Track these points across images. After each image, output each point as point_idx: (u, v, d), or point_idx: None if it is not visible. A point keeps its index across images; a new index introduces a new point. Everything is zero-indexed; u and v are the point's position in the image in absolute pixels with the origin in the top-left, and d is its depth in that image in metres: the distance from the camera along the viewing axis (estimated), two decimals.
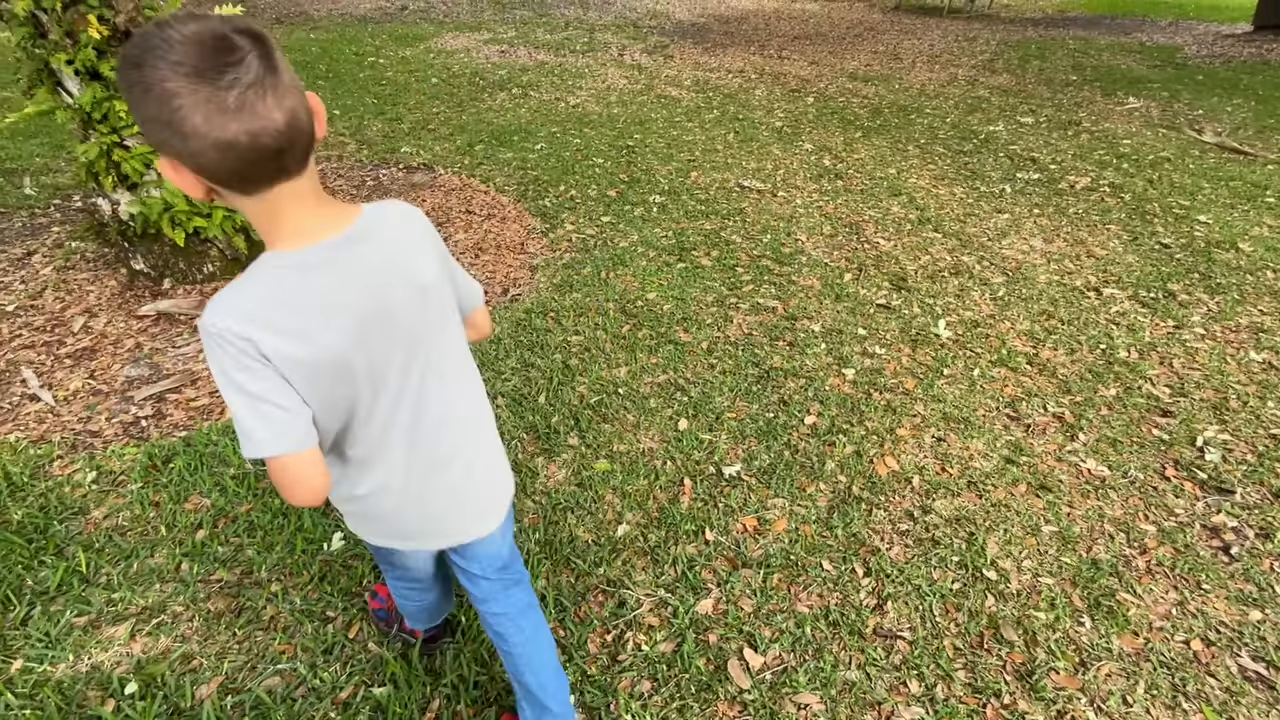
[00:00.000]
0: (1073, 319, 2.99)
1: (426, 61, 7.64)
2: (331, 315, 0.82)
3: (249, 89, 0.68)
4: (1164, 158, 5.00)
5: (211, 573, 1.73)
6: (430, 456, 0.99)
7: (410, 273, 0.90)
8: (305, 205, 0.79)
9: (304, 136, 0.74)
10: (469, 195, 4.22)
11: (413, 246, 0.91)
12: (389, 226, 0.89)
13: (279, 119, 0.70)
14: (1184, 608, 1.72)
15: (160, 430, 2.22)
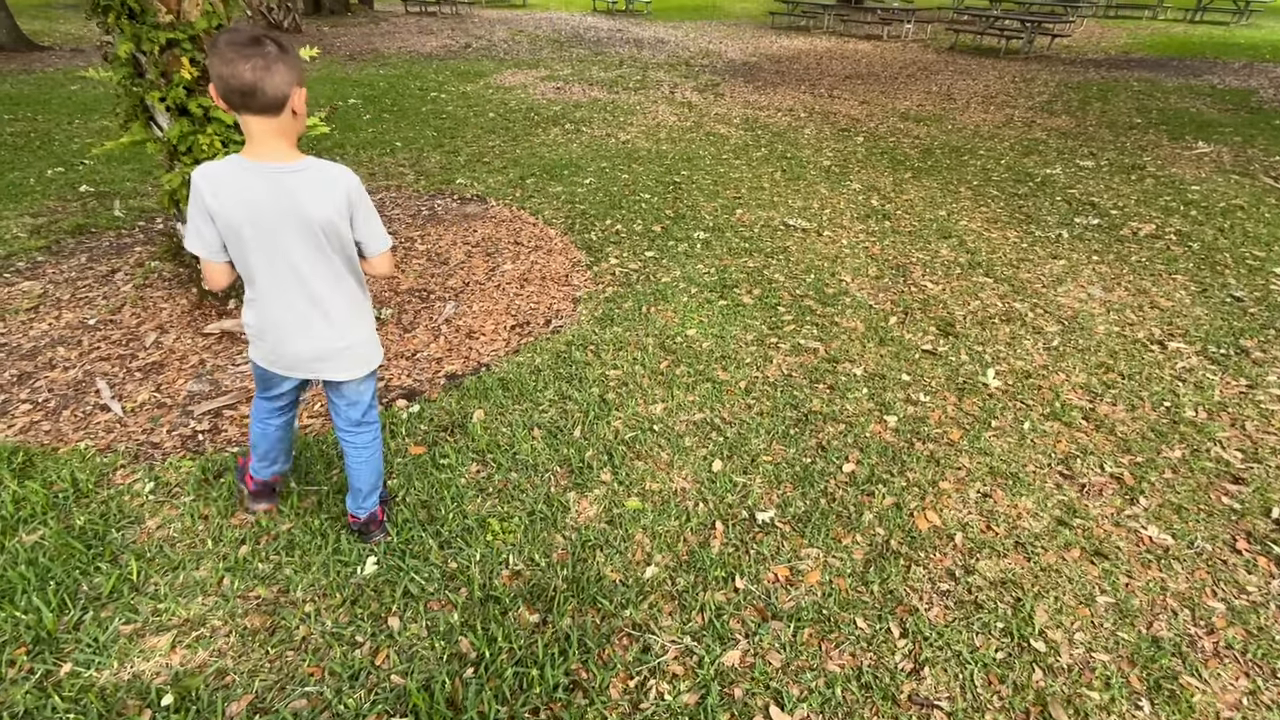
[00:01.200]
0: (1134, 373, 2.85)
1: (485, 97, 7.98)
2: (240, 200, 1.39)
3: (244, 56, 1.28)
4: (1236, 205, 4.77)
5: (251, 589, 1.78)
6: (286, 318, 1.56)
7: (302, 206, 1.42)
8: (266, 138, 1.37)
9: (265, 98, 1.31)
10: (518, 227, 4.34)
11: (317, 195, 1.42)
12: (312, 177, 1.42)
13: (249, 78, 1.28)
14: (1256, 698, 1.58)
15: (215, 445, 2.32)
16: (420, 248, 3.98)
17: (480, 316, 3.26)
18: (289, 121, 1.37)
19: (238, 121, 1.40)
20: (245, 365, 2.76)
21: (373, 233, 1.53)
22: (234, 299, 3.14)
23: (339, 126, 6.45)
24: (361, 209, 1.49)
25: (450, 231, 4.22)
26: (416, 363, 2.87)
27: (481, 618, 1.73)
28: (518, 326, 3.19)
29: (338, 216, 1.45)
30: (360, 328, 1.65)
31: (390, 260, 1.61)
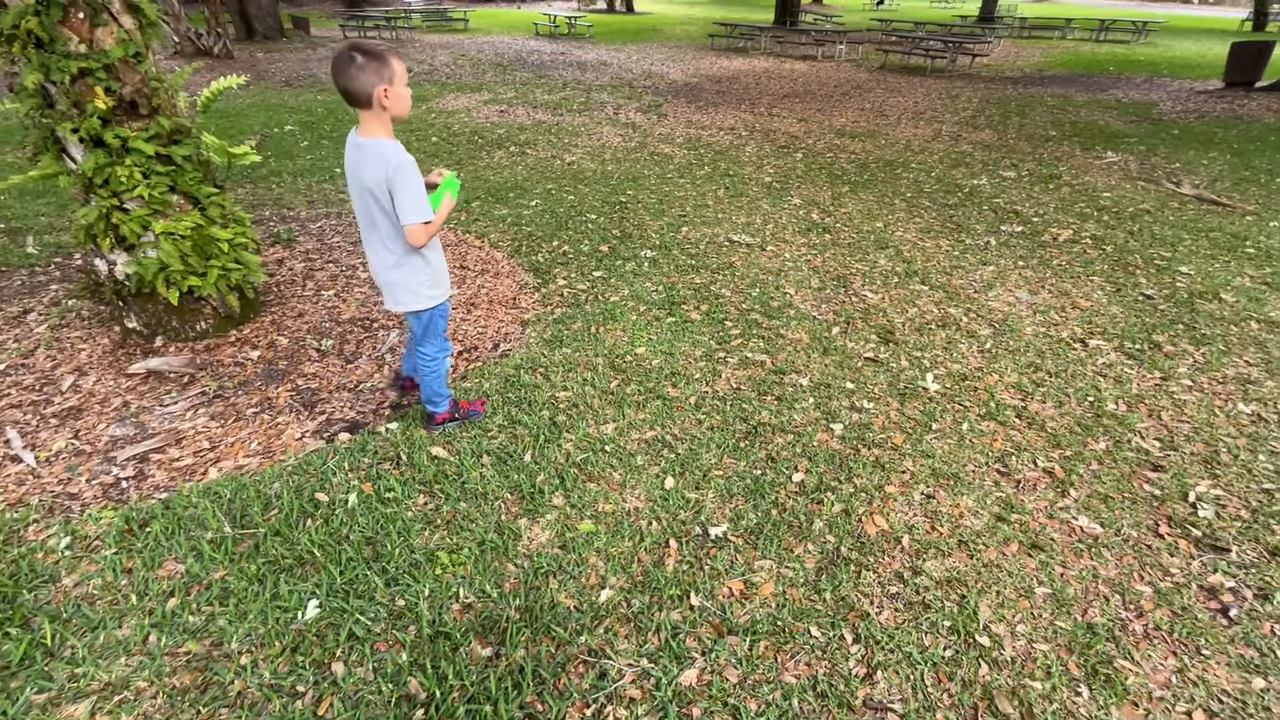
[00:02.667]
0: (1060, 371, 3.00)
1: (428, 121, 7.91)
2: (347, 162, 1.96)
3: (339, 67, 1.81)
4: (1144, 210, 5.12)
5: (180, 645, 1.68)
6: (370, 260, 2.11)
7: (362, 174, 1.90)
8: (364, 122, 1.88)
9: (357, 97, 1.82)
10: (464, 251, 4.29)
11: (369, 166, 1.87)
12: (371, 149, 1.86)
13: (342, 84, 1.82)
14: (1184, 675, 1.67)
15: (140, 492, 2.19)
16: (362, 275, 3.88)
17: None
18: (378, 110, 1.84)
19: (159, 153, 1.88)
20: (174, 405, 2.63)
21: (401, 208, 1.88)
22: (161, 336, 2.99)
23: (275, 154, 6.28)
24: (397, 187, 1.85)
25: None
26: (359, 394, 2.79)
27: (431, 655, 1.67)
28: (465, 352, 3.14)
29: (376, 187, 1.87)
30: (395, 274, 2.06)
31: (417, 234, 1.92)
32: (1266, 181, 5.85)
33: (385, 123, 1.88)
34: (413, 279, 2.08)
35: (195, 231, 2.81)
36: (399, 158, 1.83)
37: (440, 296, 2.18)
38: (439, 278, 2.16)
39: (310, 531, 2.02)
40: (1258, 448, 2.50)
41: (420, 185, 1.89)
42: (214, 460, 2.35)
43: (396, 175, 1.83)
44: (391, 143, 1.86)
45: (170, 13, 11.90)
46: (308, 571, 1.89)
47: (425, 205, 1.90)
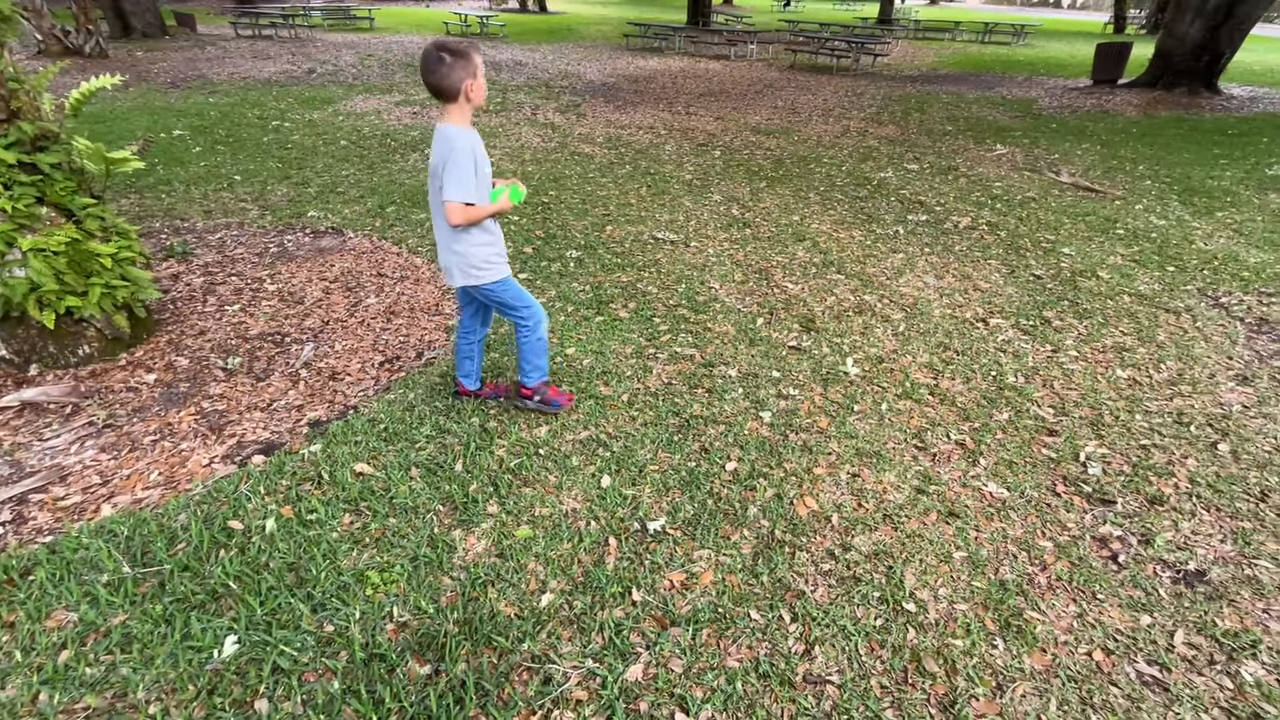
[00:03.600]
0: (966, 349, 3.21)
1: (335, 124, 7.54)
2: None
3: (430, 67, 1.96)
4: (1030, 197, 5.56)
5: (77, 700, 1.52)
6: (435, 237, 2.29)
7: (433, 154, 2.09)
8: (447, 113, 2.04)
9: (445, 93, 1.99)
10: (381, 258, 4.13)
11: (438, 148, 2.06)
12: (441, 133, 2.04)
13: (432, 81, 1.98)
14: (1084, 619, 1.82)
15: (20, 537, 1.98)
16: (270, 288, 3.66)
17: (344, 356, 3.05)
18: (463, 103, 2.01)
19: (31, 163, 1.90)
20: (56, 440, 2.38)
21: (446, 184, 2.01)
22: (36, 364, 2.71)
23: (163, 160, 5.81)
24: (448, 166, 2.00)
25: (304, 268, 3.93)
26: (274, 413, 2.62)
27: (366, 680, 1.60)
28: (387, 363, 3.02)
29: (440, 166, 2.03)
30: (457, 249, 2.18)
31: (454, 211, 2.03)
32: (1131, 169, 6.48)
33: (467, 113, 2.05)
34: (470, 255, 2.19)
35: (71, 247, 2.56)
36: (460, 140, 1.99)
37: (499, 273, 2.27)
38: (495, 255, 2.25)
39: (224, 563, 1.88)
40: (1134, 408, 2.77)
41: (469, 169, 2.01)
42: (107, 496, 2.15)
43: (451, 155, 1.98)
44: (459, 128, 2.03)
45: (29, 7, 10.76)
46: (223, 606, 1.76)
47: (468, 187, 2.02)
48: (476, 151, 2.05)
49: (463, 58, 1.95)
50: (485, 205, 2.13)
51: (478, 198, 2.07)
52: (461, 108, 2.03)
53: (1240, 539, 2.10)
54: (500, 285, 2.29)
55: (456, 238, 2.17)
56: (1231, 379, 2.99)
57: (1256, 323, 3.50)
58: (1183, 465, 2.43)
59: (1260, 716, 1.58)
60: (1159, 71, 11.10)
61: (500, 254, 2.29)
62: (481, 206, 2.10)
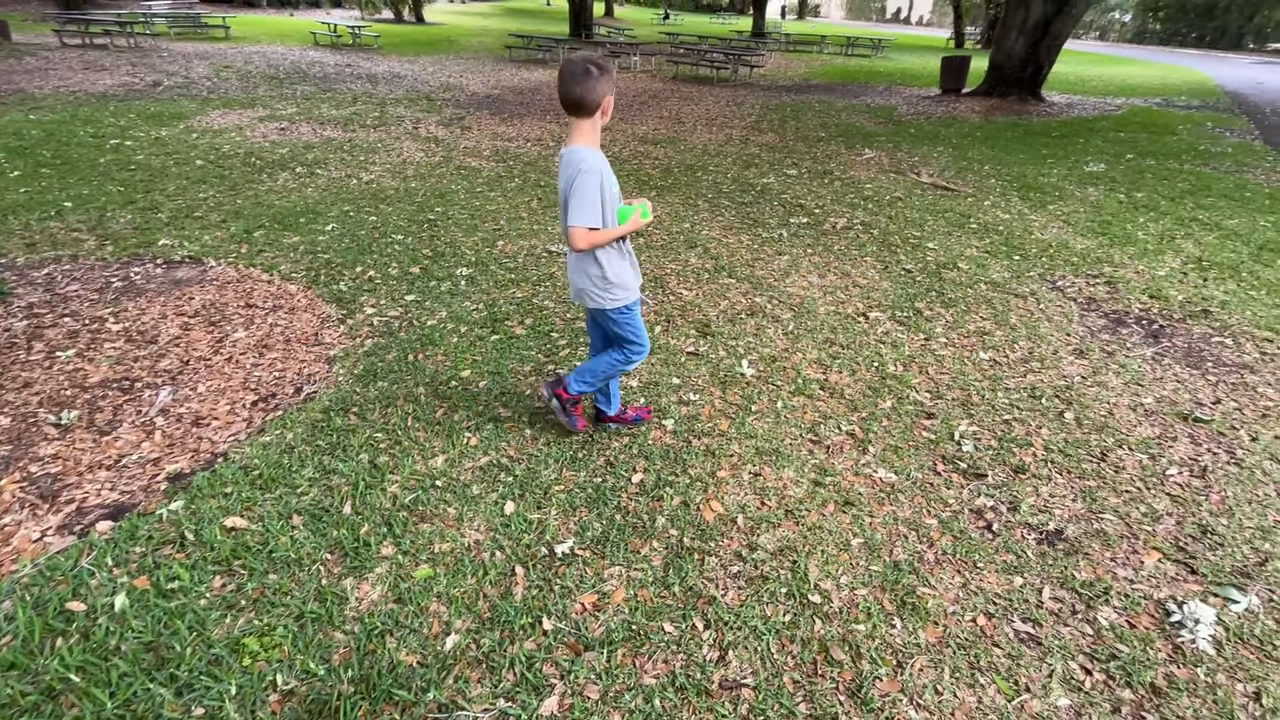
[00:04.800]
0: (850, 343, 3.40)
1: (189, 142, 6.88)
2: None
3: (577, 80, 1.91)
4: (897, 197, 6.02)
5: None
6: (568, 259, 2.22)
7: (561, 177, 2.05)
8: (578, 130, 2.01)
9: (585, 108, 1.94)
10: (249, 287, 3.79)
11: (567, 170, 2.01)
12: (571, 155, 2.00)
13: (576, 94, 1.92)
14: (967, 588, 1.97)
15: None
16: (114, 328, 3.25)
17: (209, 398, 2.76)
18: (598, 119, 1.99)
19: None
20: None
21: (572, 208, 1.97)
22: None
23: None
24: (575, 189, 1.95)
25: (156, 304, 3.53)
26: (123, 471, 2.32)
27: None
28: (261, 401, 2.76)
29: (568, 189, 1.99)
30: (591, 271, 2.14)
31: (578, 236, 1.99)
32: (978, 169, 7.19)
33: (597, 131, 2.01)
34: (601, 279, 2.14)
35: None
36: (588, 163, 1.95)
37: (625, 299, 2.21)
38: (623, 280, 2.19)
39: (63, 653, 1.63)
40: (996, 387, 3.04)
41: (596, 193, 1.96)
42: None
43: (578, 177, 1.94)
44: (589, 150, 1.99)
45: None
46: (63, 705, 1.52)
47: (594, 212, 1.97)
48: (604, 173, 1.99)
49: (607, 73, 1.92)
50: (613, 228, 2.05)
51: (604, 221, 2.01)
52: (595, 125, 1.99)
53: (1088, 497, 2.35)
54: (624, 314, 2.24)
55: (589, 260, 2.13)
56: (1070, 353, 3.37)
57: (1086, 302, 3.97)
58: (1038, 435, 2.70)
59: (1116, 655, 1.76)
60: (994, 82, 12.45)
61: (633, 279, 2.23)
62: (608, 230, 2.04)
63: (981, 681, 1.69)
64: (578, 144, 2.00)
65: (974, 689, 1.67)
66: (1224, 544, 2.15)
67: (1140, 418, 2.83)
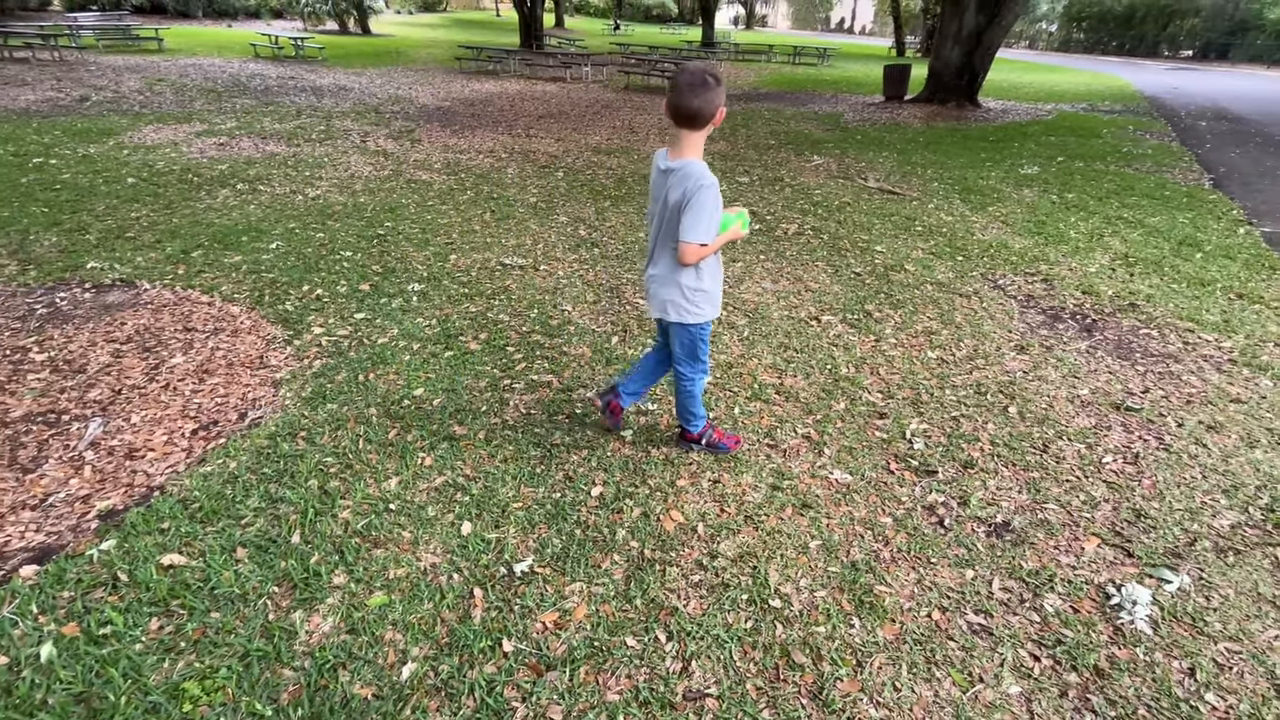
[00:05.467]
0: (804, 347, 3.46)
1: (119, 159, 6.58)
2: (653, 182, 2.10)
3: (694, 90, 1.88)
4: (845, 202, 6.18)
5: None
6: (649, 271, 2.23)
7: (670, 193, 1.99)
8: (683, 142, 1.98)
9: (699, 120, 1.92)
10: (187, 310, 3.63)
11: (679, 184, 1.95)
12: (684, 170, 1.94)
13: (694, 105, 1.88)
14: (922, 584, 2.01)
15: None
16: (38, 357, 3.07)
17: (144, 428, 2.62)
18: (706, 130, 1.95)
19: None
20: None
21: (686, 225, 1.95)
22: None
23: None
24: (694, 204, 1.92)
25: (85, 330, 3.35)
26: (49, 510, 2.18)
27: None
28: (201, 430, 2.64)
29: (680, 202, 1.95)
30: (683, 281, 2.12)
31: (690, 251, 1.98)
32: (922, 173, 7.44)
33: (703, 142, 1.98)
34: (691, 292, 2.13)
35: None
36: (707, 178, 1.92)
37: (709, 315, 2.21)
38: (714, 296, 2.20)
39: None
40: (944, 384, 3.14)
41: (714, 210, 1.94)
42: None
43: (698, 193, 1.90)
44: (702, 163, 1.96)
45: None
46: None
47: (710, 228, 1.95)
48: (717, 189, 1.96)
49: (722, 83, 1.89)
50: (714, 241, 2.02)
51: (712, 236, 1.99)
52: (702, 137, 1.97)
53: (1032, 488, 2.44)
54: (704, 330, 2.26)
55: (687, 272, 2.10)
56: (1012, 349, 3.50)
57: (1025, 299, 4.14)
58: (985, 430, 2.79)
59: (1062, 640, 1.83)
60: (933, 89, 12.94)
61: (718, 294, 2.22)
62: (712, 244, 2.01)
63: (938, 675, 1.73)
64: (689, 156, 1.97)
65: (930, 683, 1.71)
66: (1156, 527, 2.26)
67: (1077, 409, 2.96)
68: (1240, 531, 2.25)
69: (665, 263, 2.14)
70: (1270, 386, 3.17)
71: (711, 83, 1.87)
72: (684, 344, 2.29)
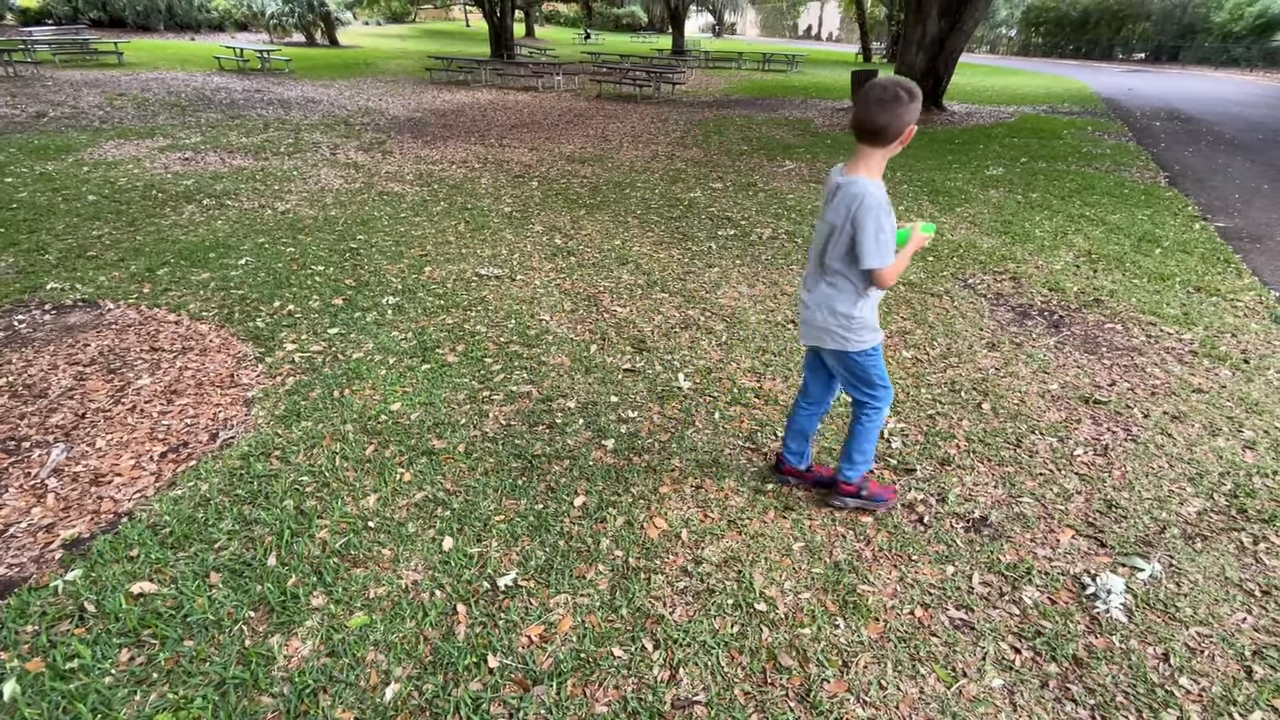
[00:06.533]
0: (781, 350, 3.49)
1: (79, 176, 6.41)
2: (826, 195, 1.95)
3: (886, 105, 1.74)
4: (818, 206, 6.26)
5: None
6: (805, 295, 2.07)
7: (830, 210, 1.88)
8: (862, 158, 1.84)
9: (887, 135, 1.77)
10: (154, 329, 3.54)
11: (844, 201, 1.82)
12: (853, 187, 1.80)
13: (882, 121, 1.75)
14: (904, 582, 2.04)
15: None
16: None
17: (110, 453, 2.55)
18: (892, 148, 1.81)
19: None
20: None
21: (867, 251, 1.80)
22: None
23: None
24: (867, 228, 1.77)
25: (45, 353, 3.24)
26: (10, 541, 2.10)
27: None
28: (171, 452, 2.57)
29: (845, 224, 1.82)
30: (840, 309, 1.96)
31: (888, 277, 1.84)
32: (890, 176, 7.57)
33: (884, 161, 1.84)
34: (851, 319, 1.96)
35: None
36: (872, 197, 1.77)
37: (872, 340, 2.02)
38: (872, 320, 2.01)
39: None
40: (920, 384, 3.19)
41: (887, 229, 1.79)
42: None
43: (865, 215, 1.76)
44: (875, 181, 1.81)
45: None
46: None
47: (887, 249, 1.79)
48: (887, 206, 1.80)
49: (917, 99, 1.74)
50: (899, 256, 1.88)
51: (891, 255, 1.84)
52: (883, 155, 1.81)
53: (1007, 483, 2.49)
54: (870, 356, 2.04)
55: (839, 298, 1.95)
56: (984, 346, 3.58)
57: (995, 298, 4.23)
58: (960, 427, 2.84)
59: (1041, 632, 1.87)
60: None
61: (875, 317, 2.03)
62: (898, 259, 1.87)
63: (922, 672, 1.75)
64: (862, 174, 1.81)
65: (915, 680, 1.72)
66: (1127, 516, 2.32)
67: (1048, 404, 3.03)
68: (1207, 518, 2.32)
69: (821, 289, 1.97)
70: (1230, 376, 3.28)
71: (904, 97, 1.72)
72: (852, 373, 2.08)
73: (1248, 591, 2.01)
